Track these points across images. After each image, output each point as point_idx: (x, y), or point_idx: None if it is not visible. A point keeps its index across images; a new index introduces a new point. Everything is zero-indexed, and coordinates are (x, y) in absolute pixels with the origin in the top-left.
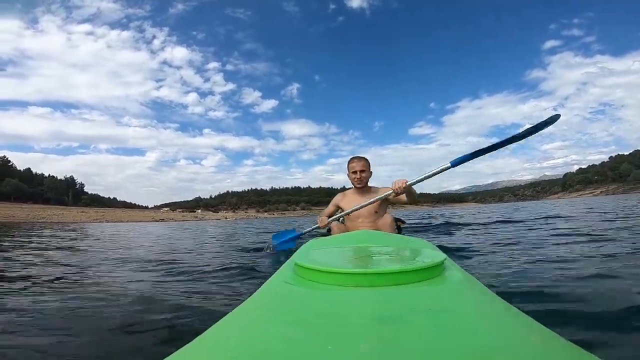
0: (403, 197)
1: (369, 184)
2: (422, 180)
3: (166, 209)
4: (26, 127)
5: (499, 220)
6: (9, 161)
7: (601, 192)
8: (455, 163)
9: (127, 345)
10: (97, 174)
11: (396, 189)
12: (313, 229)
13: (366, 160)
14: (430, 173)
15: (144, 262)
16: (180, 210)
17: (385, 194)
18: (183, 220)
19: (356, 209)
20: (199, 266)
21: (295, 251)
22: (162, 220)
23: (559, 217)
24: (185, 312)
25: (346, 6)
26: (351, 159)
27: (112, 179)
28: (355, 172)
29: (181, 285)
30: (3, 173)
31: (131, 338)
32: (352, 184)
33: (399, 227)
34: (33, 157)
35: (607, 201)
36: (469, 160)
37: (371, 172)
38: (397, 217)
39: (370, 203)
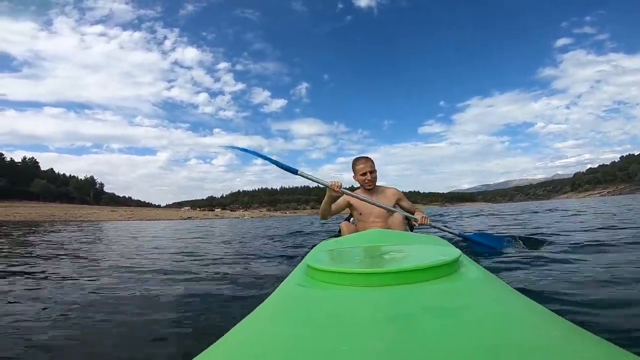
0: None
1: (377, 184)
2: (439, 228)
3: (187, 207)
4: (41, 127)
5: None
6: (37, 162)
7: (608, 192)
8: (460, 235)
9: (147, 349)
10: (109, 173)
11: (421, 222)
12: (321, 183)
13: (372, 160)
14: (447, 229)
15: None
16: (200, 209)
17: (407, 214)
18: (207, 219)
19: (370, 202)
20: (220, 265)
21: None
22: (190, 218)
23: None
24: (204, 315)
25: (354, 5)
26: (357, 160)
27: (124, 178)
28: (365, 174)
29: (202, 287)
30: (31, 174)
31: (151, 341)
32: (362, 185)
33: (410, 225)
34: (48, 156)
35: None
36: (468, 241)
37: (376, 170)
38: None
39: (385, 208)
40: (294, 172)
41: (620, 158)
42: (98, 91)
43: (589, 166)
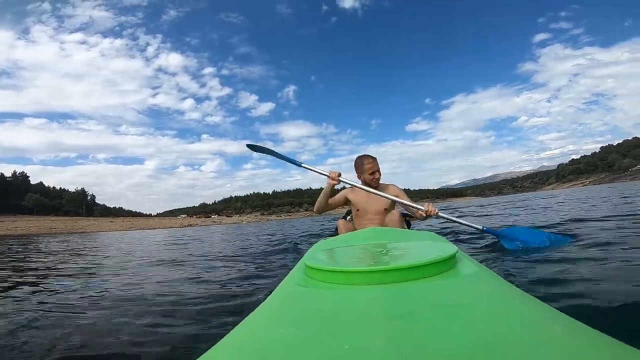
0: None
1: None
2: (451, 220)
3: (183, 215)
4: (23, 139)
5: None
6: (27, 176)
7: (590, 181)
8: (486, 230)
9: (147, 354)
10: (96, 184)
11: (427, 211)
12: (321, 173)
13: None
14: (461, 221)
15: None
16: (197, 216)
17: (414, 205)
18: (206, 225)
19: (373, 192)
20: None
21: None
22: (189, 225)
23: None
24: (202, 317)
25: (338, 7)
26: (364, 158)
27: (112, 188)
28: (374, 173)
29: (202, 289)
30: (23, 188)
31: (152, 345)
32: (368, 183)
33: (407, 222)
34: (32, 169)
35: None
36: (497, 236)
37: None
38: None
39: (388, 197)
40: (298, 164)
41: (600, 148)
42: (80, 100)
43: (572, 157)
